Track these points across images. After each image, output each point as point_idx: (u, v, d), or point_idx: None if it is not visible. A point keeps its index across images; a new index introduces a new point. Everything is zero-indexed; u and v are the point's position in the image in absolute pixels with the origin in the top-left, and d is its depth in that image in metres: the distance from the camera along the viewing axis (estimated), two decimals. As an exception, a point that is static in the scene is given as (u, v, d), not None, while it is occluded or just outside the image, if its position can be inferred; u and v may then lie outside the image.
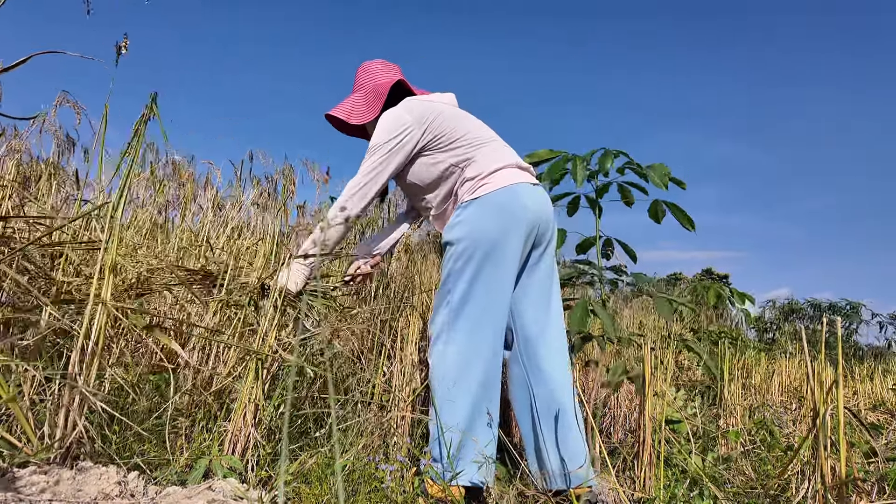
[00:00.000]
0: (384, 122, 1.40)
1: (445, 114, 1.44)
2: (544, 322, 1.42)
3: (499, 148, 1.44)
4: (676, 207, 1.93)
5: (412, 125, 1.39)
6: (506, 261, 1.33)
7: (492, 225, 1.33)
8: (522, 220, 1.35)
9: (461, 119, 1.45)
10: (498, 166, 1.39)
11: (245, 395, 1.16)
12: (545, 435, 1.35)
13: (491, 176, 1.37)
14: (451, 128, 1.41)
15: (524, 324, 1.41)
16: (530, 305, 1.42)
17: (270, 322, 1.22)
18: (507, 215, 1.34)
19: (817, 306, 7.78)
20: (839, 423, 1.02)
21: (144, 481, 0.93)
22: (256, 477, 1.11)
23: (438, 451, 1.27)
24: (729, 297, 2.34)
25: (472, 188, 1.37)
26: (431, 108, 1.43)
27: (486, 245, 1.32)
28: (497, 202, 1.34)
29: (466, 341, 1.31)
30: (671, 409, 1.73)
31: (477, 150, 1.41)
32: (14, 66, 0.94)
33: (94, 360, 0.96)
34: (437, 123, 1.41)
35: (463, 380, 1.29)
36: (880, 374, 3.58)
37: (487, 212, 1.34)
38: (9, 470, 0.85)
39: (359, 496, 1.13)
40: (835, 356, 1.04)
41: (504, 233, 1.33)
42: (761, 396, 3.01)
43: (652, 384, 1.40)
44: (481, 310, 1.32)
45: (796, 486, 1.22)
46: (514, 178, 1.38)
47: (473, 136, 1.42)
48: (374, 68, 1.56)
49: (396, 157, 1.38)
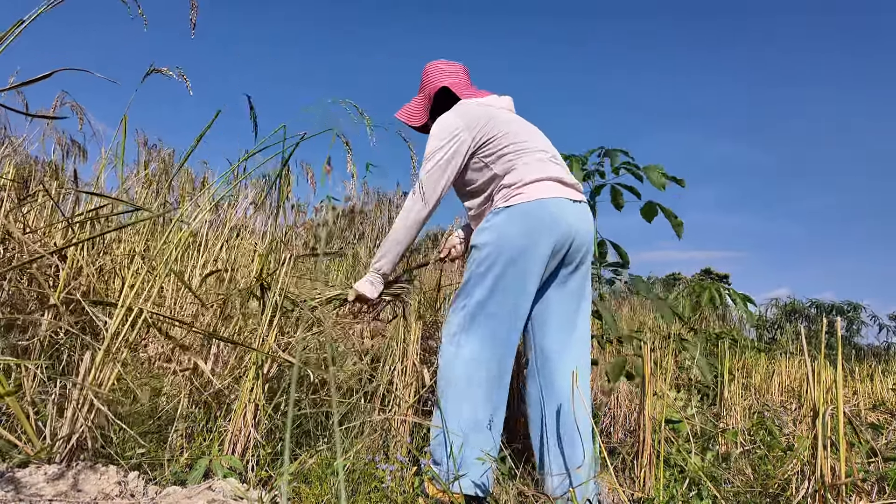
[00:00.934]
0: (436, 128, 1.41)
1: (497, 119, 1.42)
2: (565, 341, 1.38)
3: (544, 159, 1.41)
4: (669, 211, 1.93)
5: (462, 130, 1.39)
6: (528, 273, 1.31)
7: (518, 235, 1.31)
8: (551, 233, 1.32)
9: (512, 125, 1.44)
10: (536, 177, 1.36)
11: (245, 395, 1.16)
12: (553, 453, 1.34)
13: (527, 186, 1.35)
14: (500, 133, 1.40)
15: (544, 341, 1.39)
16: (553, 323, 1.39)
17: (270, 323, 1.22)
18: (535, 227, 1.31)
19: (819, 306, 7.78)
20: (839, 423, 1.02)
21: (144, 481, 0.93)
22: (256, 477, 1.11)
23: (441, 453, 1.26)
24: (728, 296, 2.34)
25: (507, 196, 1.36)
26: (484, 113, 1.42)
27: (509, 254, 1.30)
28: (527, 213, 1.32)
29: (479, 347, 1.30)
30: (671, 410, 1.73)
31: (520, 158, 1.39)
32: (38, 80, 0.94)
33: (113, 364, 0.96)
34: (487, 129, 1.40)
35: (471, 385, 1.29)
36: (880, 375, 3.58)
37: (516, 221, 1.32)
38: (9, 470, 0.86)
39: (359, 496, 1.13)
40: (835, 356, 1.04)
41: (529, 244, 1.31)
42: (761, 396, 3.01)
43: (651, 384, 1.40)
44: (497, 318, 1.31)
45: (796, 485, 1.22)
46: (550, 192, 1.35)
47: (520, 145, 1.40)
48: (432, 71, 1.57)
49: (451, 163, 1.39)
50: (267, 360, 1.21)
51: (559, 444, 1.33)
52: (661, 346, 2.53)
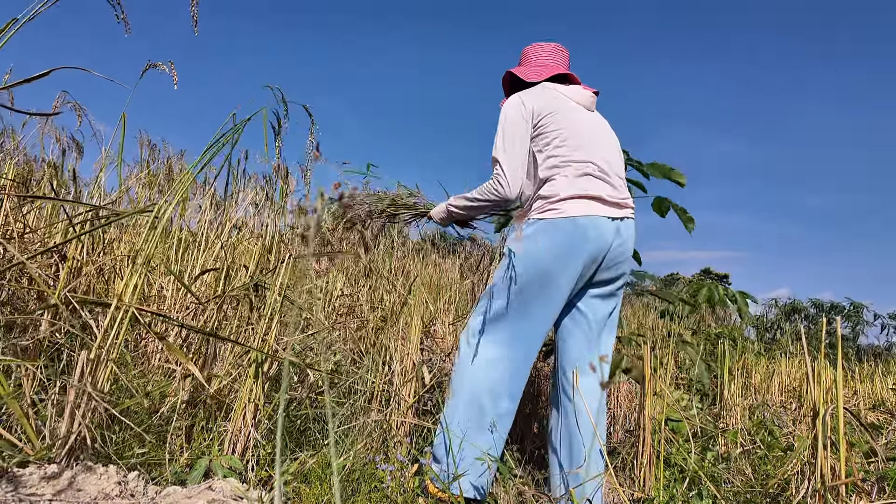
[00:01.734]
0: (503, 110, 1.39)
1: (559, 113, 1.37)
2: (587, 358, 1.39)
3: (589, 173, 1.35)
4: (679, 207, 1.93)
5: (524, 114, 1.36)
6: (552, 291, 1.30)
7: (547, 252, 1.29)
8: (580, 252, 1.30)
9: (575, 126, 1.38)
10: (574, 193, 1.31)
11: (245, 395, 1.16)
12: (562, 456, 1.36)
13: (562, 202, 1.31)
14: (555, 131, 1.36)
15: (568, 354, 1.40)
16: (577, 339, 1.40)
17: (270, 321, 1.22)
18: (565, 245, 1.29)
19: (820, 306, 7.78)
20: (839, 423, 1.02)
21: (144, 481, 0.93)
22: (256, 477, 1.11)
23: (442, 452, 1.27)
24: (727, 296, 2.34)
25: (542, 207, 1.33)
26: (549, 103, 1.38)
27: (536, 270, 1.30)
28: (558, 229, 1.30)
29: (494, 352, 1.31)
30: (671, 409, 1.73)
31: (562, 169, 1.34)
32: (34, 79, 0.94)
33: (107, 363, 0.96)
34: (544, 121, 1.36)
35: (481, 388, 1.29)
36: (880, 374, 3.58)
37: (547, 237, 1.30)
38: (9, 470, 0.86)
39: (359, 496, 1.13)
40: (835, 356, 1.04)
41: (557, 263, 1.29)
42: (761, 396, 3.01)
43: (651, 384, 1.40)
44: (516, 328, 1.31)
45: (796, 485, 1.22)
46: (587, 210, 1.31)
47: (568, 154, 1.35)
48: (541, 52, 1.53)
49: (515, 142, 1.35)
50: (267, 360, 1.21)
51: (570, 457, 1.34)
52: (661, 345, 2.53)
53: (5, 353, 1.04)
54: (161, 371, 1.34)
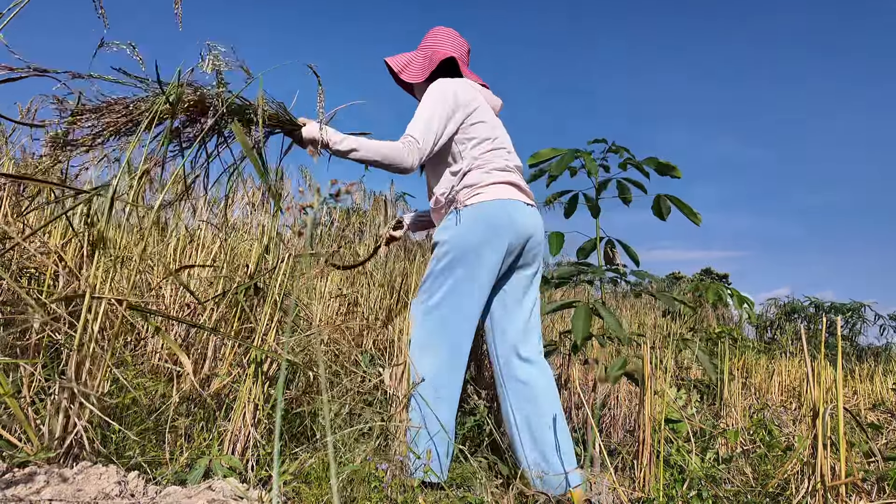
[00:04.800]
0: (436, 89, 1.43)
1: (481, 112, 1.47)
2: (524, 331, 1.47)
3: (508, 165, 1.48)
4: (680, 201, 1.92)
5: (457, 106, 1.43)
6: (484, 269, 1.38)
7: (477, 233, 1.38)
8: (507, 233, 1.39)
9: (490, 123, 1.49)
10: (496, 180, 1.43)
11: (244, 394, 1.16)
12: (524, 440, 1.41)
13: (487, 187, 1.42)
14: (480, 127, 1.46)
15: (506, 333, 1.47)
16: (510, 321, 1.48)
17: (270, 320, 1.22)
18: (493, 226, 1.39)
19: (820, 306, 7.78)
20: (839, 423, 1.02)
21: (144, 481, 0.93)
22: (256, 477, 1.11)
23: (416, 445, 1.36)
24: (729, 296, 2.34)
25: (467, 195, 1.42)
26: (477, 99, 1.48)
27: (468, 252, 1.38)
28: (486, 212, 1.39)
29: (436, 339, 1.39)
30: (671, 409, 1.73)
31: (483, 158, 1.45)
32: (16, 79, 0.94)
33: (91, 359, 0.96)
34: (472, 117, 1.45)
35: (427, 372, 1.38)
36: (880, 374, 3.58)
37: (475, 220, 1.39)
38: (9, 470, 0.85)
39: (359, 496, 1.13)
40: (835, 356, 1.04)
41: (487, 243, 1.38)
42: (761, 396, 3.01)
43: (651, 383, 1.40)
44: (451, 312, 1.39)
45: (796, 485, 1.22)
46: (508, 194, 1.43)
47: (493, 143, 1.46)
48: (442, 36, 1.58)
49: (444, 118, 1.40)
50: (267, 359, 1.21)
51: (531, 432, 1.40)
52: (661, 345, 2.53)
53: (5, 352, 1.04)
54: (162, 371, 1.34)
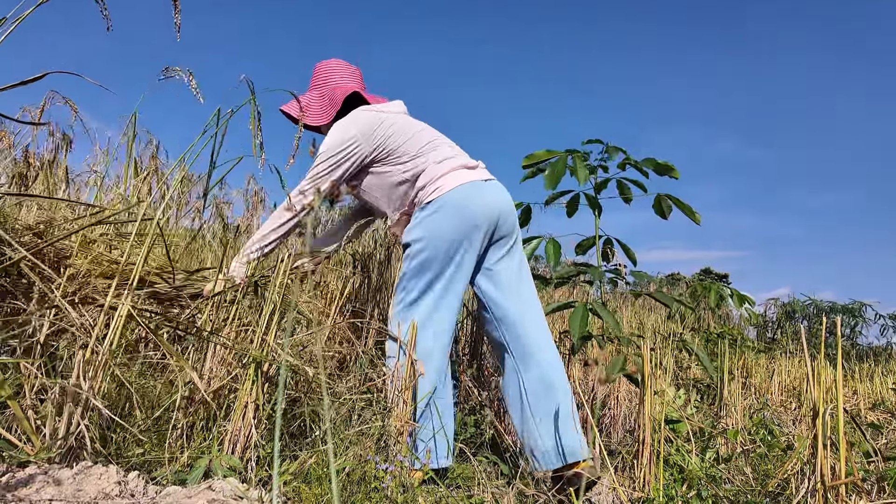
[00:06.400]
0: (333, 134, 1.45)
1: (395, 126, 1.47)
2: (523, 308, 1.47)
3: (446, 152, 1.48)
4: (680, 201, 1.92)
5: (359, 140, 1.44)
6: (461, 258, 1.39)
7: (447, 226, 1.38)
8: (476, 217, 1.39)
9: (409, 129, 1.49)
10: (447, 169, 1.43)
11: (244, 394, 1.16)
12: (536, 414, 1.40)
13: (441, 179, 1.42)
14: (400, 141, 1.46)
15: (505, 314, 1.46)
16: (505, 296, 1.47)
17: (269, 320, 1.22)
18: (461, 215, 1.38)
19: (819, 306, 7.77)
20: (839, 423, 1.02)
21: (144, 481, 0.93)
22: (256, 477, 1.11)
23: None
24: (729, 296, 2.33)
25: (426, 193, 1.42)
26: (380, 120, 1.46)
27: (441, 244, 1.38)
28: (451, 203, 1.39)
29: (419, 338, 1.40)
30: (671, 409, 1.73)
31: (424, 158, 1.45)
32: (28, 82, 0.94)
33: (103, 364, 0.96)
34: (384, 137, 1.45)
35: None
36: (880, 374, 3.58)
37: (442, 213, 1.39)
38: (9, 470, 0.86)
39: (359, 496, 1.13)
40: (835, 356, 1.04)
41: (458, 231, 1.38)
42: (761, 396, 3.01)
43: (651, 383, 1.40)
44: (432, 309, 1.39)
45: (796, 485, 1.22)
46: (464, 178, 1.42)
47: (421, 146, 1.46)
48: (334, 70, 1.59)
49: (339, 168, 1.44)
50: (267, 360, 1.21)
51: (548, 411, 1.40)
52: (661, 345, 2.53)
53: (5, 352, 1.04)
54: (162, 371, 1.34)
